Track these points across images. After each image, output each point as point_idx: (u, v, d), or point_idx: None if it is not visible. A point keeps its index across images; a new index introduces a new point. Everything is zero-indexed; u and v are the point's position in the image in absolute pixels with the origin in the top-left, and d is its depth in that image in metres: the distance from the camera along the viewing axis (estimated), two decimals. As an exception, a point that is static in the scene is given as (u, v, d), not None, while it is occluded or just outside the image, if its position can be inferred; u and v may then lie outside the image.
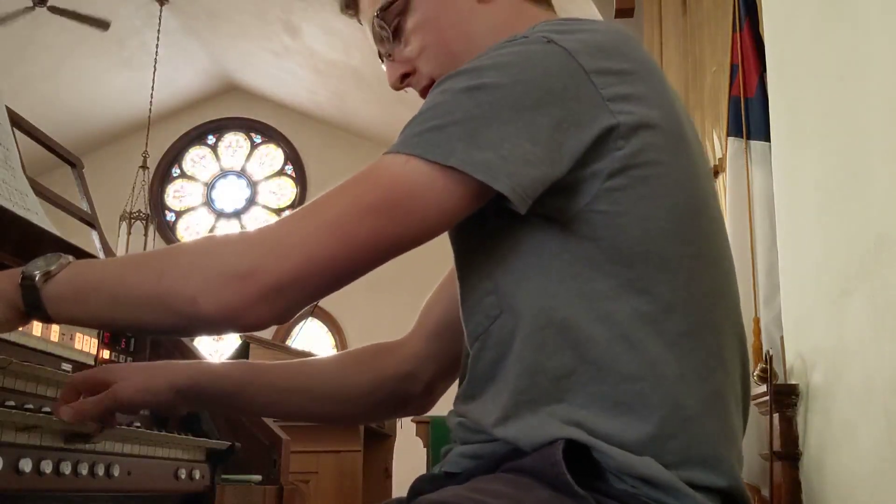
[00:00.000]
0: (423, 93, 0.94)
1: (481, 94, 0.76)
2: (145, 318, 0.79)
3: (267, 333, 7.47)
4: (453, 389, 0.94)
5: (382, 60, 0.97)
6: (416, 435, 3.68)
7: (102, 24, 6.24)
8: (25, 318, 0.84)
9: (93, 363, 1.32)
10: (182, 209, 8.68)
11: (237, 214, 8.61)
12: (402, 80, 0.95)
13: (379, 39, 0.95)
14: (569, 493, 0.72)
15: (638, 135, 0.77)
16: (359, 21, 0.99)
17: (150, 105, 7.12)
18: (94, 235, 1.62)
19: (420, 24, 0.92)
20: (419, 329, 1.08)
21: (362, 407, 1.07)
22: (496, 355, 0.82)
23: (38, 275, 0.81)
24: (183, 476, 1.26)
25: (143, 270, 0.81)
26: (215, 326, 0.76)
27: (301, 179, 8.51)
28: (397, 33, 0.94)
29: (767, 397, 1.90)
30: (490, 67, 0.77)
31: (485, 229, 0.82)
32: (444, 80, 0.79)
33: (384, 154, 0.78)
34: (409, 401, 1.08)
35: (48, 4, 6.11)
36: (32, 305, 0.81)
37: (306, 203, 0.78)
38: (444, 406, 0.96)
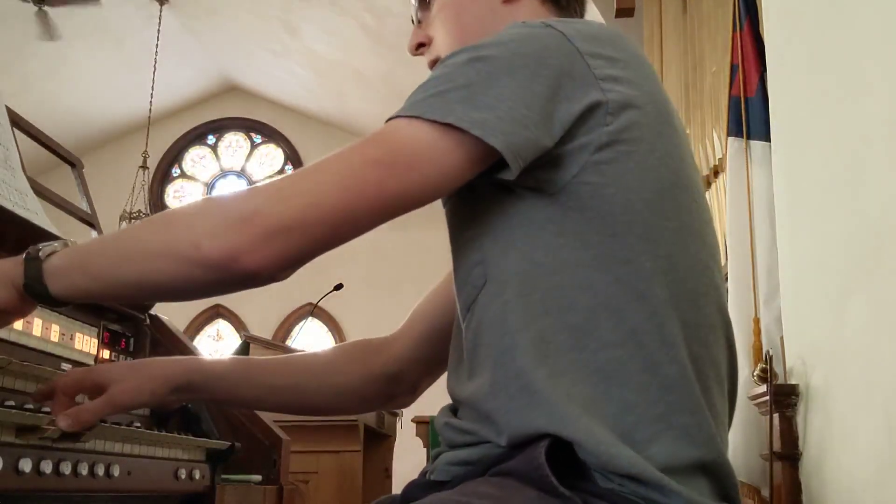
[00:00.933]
0: (430, 66, 1.00)
1: (481, 63, 0.80)
2: (150, 270, 0.79)
3: (267, 333, 7.47)
4: (444, 387, 0.95)
5: (413, 23, 1.04)
6: (416, 435, 3.68)
7: (52, 36, 6.21)
8: (23, 300, 0.84)
9: (93, 363, 1.32)
10: (182, 209, 8.67)
11: (237, 214, 8.61)
12: (418, 48, 1.02)
13: (414, 3, 1.03)
14: (554, 493, 0.73)
15: (625, 112, 0.81)
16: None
17: (150, 105, 7.11)
18: (94, 235, 1.62)
19: (445, 6, 0.99)
20: (409, 331, 1.11)
21: (350, 402, 1.11)
22: (479, 323, 0.84)
23: (42, 250, 0.83)
24: (183, 476, 1.26)
25: (148, 225, 0.83)
26: (219, 272, 0.75)
27: (301, 179, 8.51)
28: (427, 4, 1.01)
29: (767, 397, 1.90)
30: (490, 44, 0.82)
31: (476, 204, 0.85)
32: (448, 56, 0.83)
33: (388, 120, 0.81)
34: (395, 397, 1.12)
35: (43, 6, 6.10)
36: (34, 278, 0.82)
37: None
38: (439, 405, 0.96)
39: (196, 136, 8.77)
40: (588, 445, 0.75)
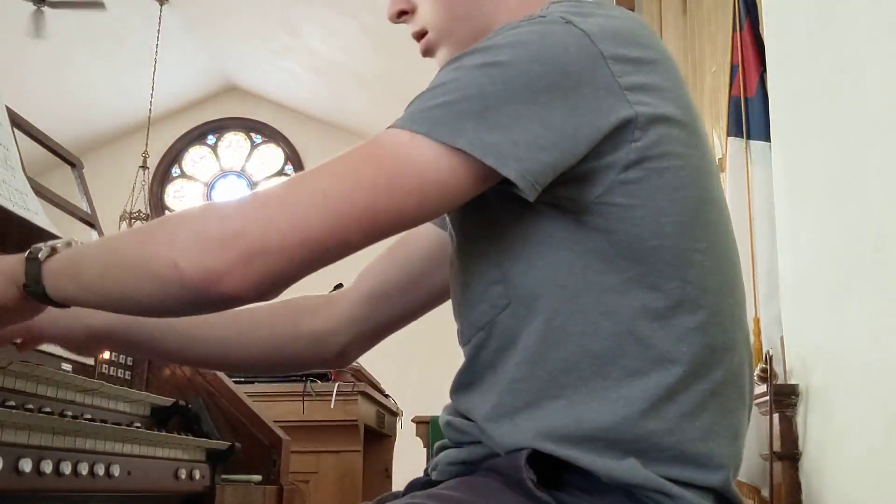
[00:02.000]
0: (416, 37, 0.93)
1: (495, 70, 0.72)
2: (130, 287, 0.75)
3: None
4: (444, 387, 0.94)
5: None
6: (416, 435, 3.68)
7: (98, 4, 6.21)
8: (24, 299, 0.83)
9: (93, 363, 1.33)
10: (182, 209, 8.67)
11: (237, 214, 8.60)
12: (399, 16, 0.93)
13: None
14: (532, 497, 0.71)
15: (655, 126, 0.75)
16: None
17: (150, 105, 7.11)
18: (94, 235, 1.62)
19: None
20: (352, 291, 1.07)
21: (273, 359, 1.06)
22: (501, 345, 0.80)
23: (42, 250, 0.82)
24: (183, 476, 1.26)
25: (133, 237, 0.81)
26: (196, 293, 0.71)
27: (301, 179, 8.50)
28: None
29: (767, 397, 1.90)
30: (506, 45, 0.74)
31: (490, 215, 0.80)
32: (459, 57, 0.76)
33: (389, 128, 0.74)
34: (321, 359, 1.08)
35: (49, 1, 6.10)
36: (33, 279, 0.81)
37: (308, 169, 0.75)
38: (440, 405, 0.96)
39: (196, 136, 8.76)
40: (580, 461, 0.74)
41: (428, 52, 0.93)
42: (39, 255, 0.82)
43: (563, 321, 0.76)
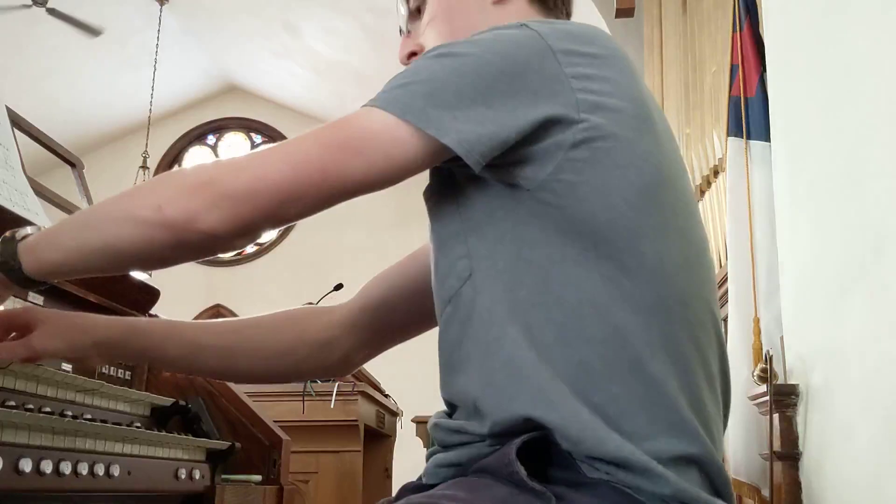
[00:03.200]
0: None
1: (448, 59, 0.82)
2: (111, 235, 0.83)
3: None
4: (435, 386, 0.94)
5: (401, 34, 1.06)
6: (416, 435, 3.68)
7: (94, 31, 6.23)
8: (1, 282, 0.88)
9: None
10: (182, 209, 8.67)
11: (237, 214, 8.60)
12: (409, 58, 1.03)
13: (401, 13, 1.04)
14: (525, 488, 0.73)
15: (599, 111, 0.81)
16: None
17: (150, 105, 7.11)
18: (94, 235, 1.62)
19: (435, 12, 1.01)
20: (358, 299, 1.11)
21: (277, 367, 1.10)
22: (465, 316, 0.84)
23: (18, 232, 0.89)
24: (183, 476, 1.26)
25: (113, 197, 0.87)
26: (176, 233, 0.80)
27: (301, 179, 8.51)
28: (418, 12, 1.03)
29: (767, 397, 1.90)
30: (463, 42, 0.85)
31: (459, 198, 0.87)
32: (424, 53, 0.87)
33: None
34: (324, 366, 1.12)
35: (47, 6, 6.10)
36: (9, 255, 0.86)
37: None
38: (439, 405, 0.96)
39: (196, 136, 8.76)
40: (572, 430, 0.76)
41: None
42: (15, 236, 0.88)
43: (525, 293, 0.81)
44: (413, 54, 1.03)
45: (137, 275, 1.48)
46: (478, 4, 0.99)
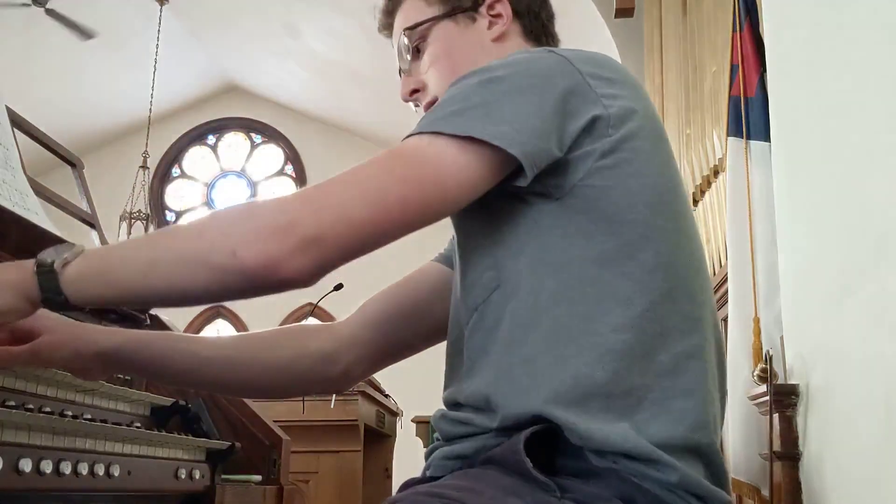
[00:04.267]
0: (427, 108, 1.06)
1: (493, 84, 0.86)
2: (182, 279, 0.80)
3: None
4: (438, 388, 0.95)
5: (400, 75, 1.09)
6: (416, 435, 3.68)
7: (88, 34, 6.24)
8: (37, 308, 0.85)
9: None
10: (182, 209, 8.67)
11: (237, 214, 8.59)
12: (412, 94, 1.08)
13: (401, 55, 1.08)
14: (529, 478, 0.76)
15: (626, 124, 0.88)
16: (390, 40, 1.12)
17: (150, 105, 7.11)
18: (94, 235, 1.62)
19: (437, 51, 1.05)
20: (357, 315, 1.13)
21: (279, 380, 1.10)
22: (493, 323, 0.87)
23: (55, 261, 0.82)
24: (183, 476, 1.26)
25: (178, 233, 0.84)
26: (255, 279, 0.77)
27: (301, 179, 8.51)
28: (417, 53, 1.07)
29: (767, 397, 1.90)
30: (499, 66, 0.88)
31: (487, 214, 0.89)
32: (458, 80, 0.89)
33: (406, 137, 0.85)
34: (324, 381, 1.12)
35: (46, 6, 6.09)
36: (51, 290, 0.82)
37: (345, 170, 0.83)
38: (439, 405, 0.96)
39: (196, 136, 8.76)
40: (581, 427, 0.78)
41: None
42: (54, 266, 0.82)
43: (550, 292, 0.85)
44: (415, 91, 1.07)
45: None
46: (478, 43, 1.05)
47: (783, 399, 1.89)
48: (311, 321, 7.18)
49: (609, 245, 0.86)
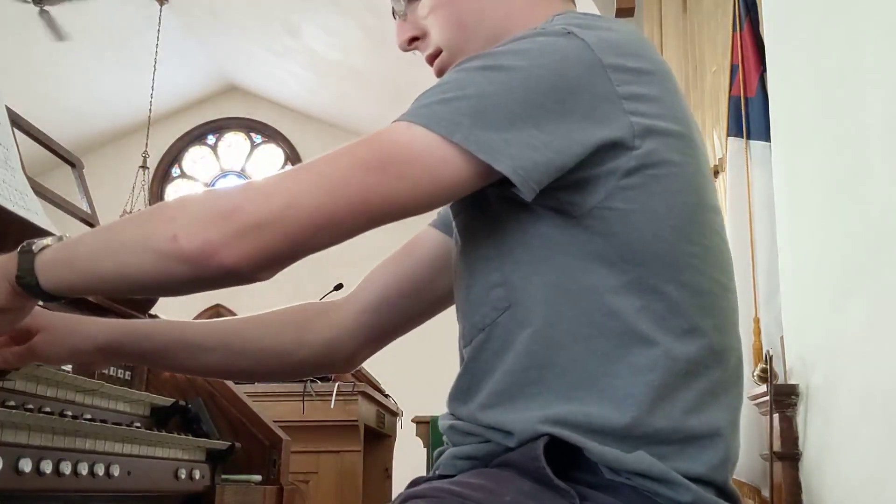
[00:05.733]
0: (430, 59, 0.96)
1: (495, 73, 0.76)
2: (128, 264, 0.77)
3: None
4: (444, 387, 0.94)
5: (395, 18, 0.98)
6: (416, 435, 3.68)
7: (61, 36, 6.23)
8: (17, 295, 0.83)
9: (93, 363, 1.32)
10: (182, 209, 8.67)
11: (237, 214, 8.60)
12: (410, 43, 0.97)
13: None
14: (549, 485, 0.73)
15: (652, 135, 0.78)
16: None
17: (150, 105, 7.11)
18: (94, 235, 1.62)
19: None
20: (356, 298, 1.08)
21: (280, 366, 1.07)
22: (501, 346, 0.82)
23: (35, 243, 0.83)
24: (183, 476, 1.26)
25: (131, 218, 0.82)
26: (194, 266, 0.73)
27: (301, 179, 8.50)
28: None
29: (767, 397, 1.90)
30: (508, 52, 0.78)
31: (493, 219, 0.82)
32: (463, 61, 0.79)
33: (392, 122, 0.78)
34: (329, 364, 1.09)
35: (44, 6, 6.08)
36: (26, 270, 0.81)
37: None
38: (440, 405, 0.96)
39: (196, 136, 8.76)
40: (595, 449, 0.76)
41: (442, 72, 0.95)
42: (33, 248, 0.83)
43: (567, 324, 0.78)
44: (414, 39, 0.96)
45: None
46: None
47: (783, 399, 1.89)
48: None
49: (630, 276, 0.78)
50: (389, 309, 1.05)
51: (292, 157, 8.57)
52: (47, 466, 0.96)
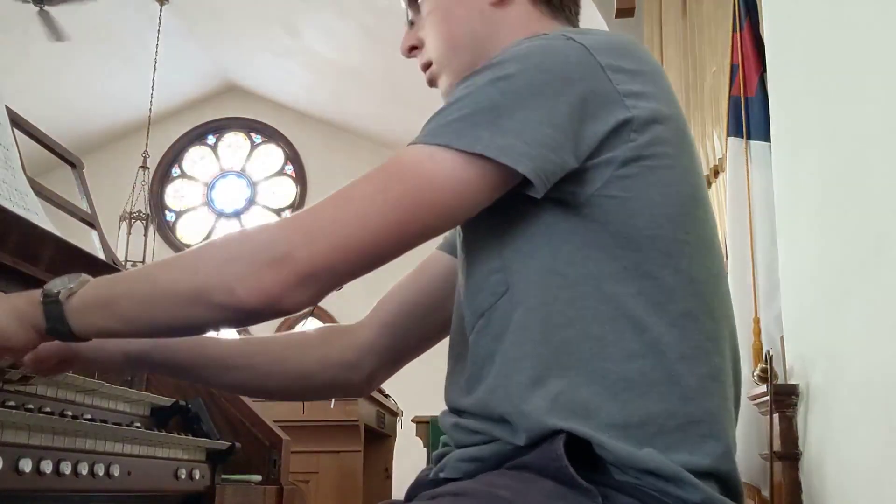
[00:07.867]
0: (423, 68, 1.01)
1: (504, 83, 0.79)
2: (182, 316, 0.80)
3: (268, 333, 7.46)
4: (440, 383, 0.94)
5: (406, 25, 1.04)
6: (416, 435, 3.68)
7: (59, 37, 6.23)
8: (45, 339, 0.85)
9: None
10: (182, 209, 8.67)
11: (237, 215, 8.60)
12: (410, 51, 1.02)
13: (403, 5, 1.03)
14: (573, 485, 0.74)
15: (650, 128, 0.82)
16: None
17: (150, 105, 7.11)
18: (94, 235, 1.62)
19: (434, 8, 0.99)
20: (372, 319, 1.11)
21: (302, 387, 1.11)
22: (499, 330, 0.84)
23: (60, 291, 0.83)
24: (183, 476, 1.26)
25: (175, 268, 0.83)
26: (255, 314, 0.77)
27: (301, 179, 8.51)
28: (416, 6, 1.01)
29: (767, 397, 1.90)
30: (511, 60, 0.81)
31: (494, 209, 0.84)
32: (471, 75, 0.83)
33: (409, 145, 0.81)
34: (349, 386, 1.12)
35: (44, 6, 6.08)
36: (56, 320, 0.83)
37: (338, 190, 0.80)
38: (439, 405, 0.96)
39: (196, 136, 8.76)
40: (605, 446, 0.77)
41: (432, 82, 1.01)
42: (59, 297, 0.83)
43: (562, 307, 0.81)
44: (413, 48, 1.01)
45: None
46: (477, 7, 0.96)
47: (783, 399, 1.89)
48: (312, 321, 7.18)
49: (627, 262, 0.81)
50: (404, 330, 1.08)
51: (292, 157, 8.57)
52: (47, 466, 0.96)
